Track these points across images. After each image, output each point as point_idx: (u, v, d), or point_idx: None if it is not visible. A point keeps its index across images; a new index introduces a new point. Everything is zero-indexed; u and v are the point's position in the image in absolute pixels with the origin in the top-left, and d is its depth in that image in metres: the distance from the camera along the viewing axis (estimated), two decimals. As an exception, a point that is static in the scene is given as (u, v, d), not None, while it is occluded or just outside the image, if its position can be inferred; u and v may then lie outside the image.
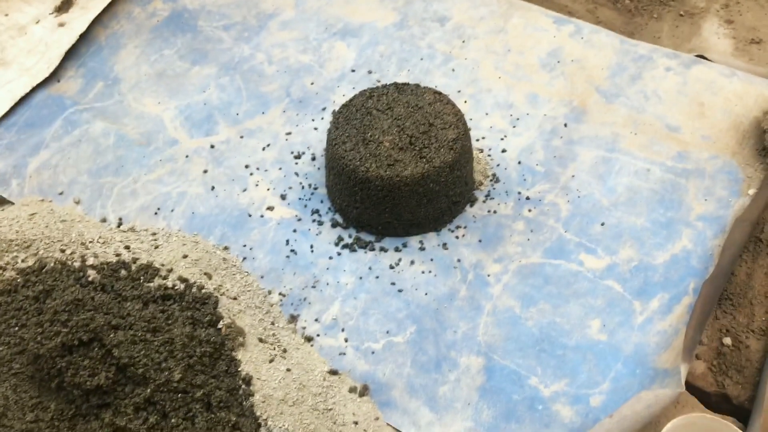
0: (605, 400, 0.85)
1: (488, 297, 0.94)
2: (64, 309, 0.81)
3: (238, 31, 1.29)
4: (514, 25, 1.26)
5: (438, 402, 0.86)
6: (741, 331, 0.90)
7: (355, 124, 0.99)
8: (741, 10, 1.34)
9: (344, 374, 0.88)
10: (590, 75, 1.18)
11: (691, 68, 1.17)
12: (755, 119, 1.09)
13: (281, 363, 0.88)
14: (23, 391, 0.80)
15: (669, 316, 0.91)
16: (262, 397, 0.85)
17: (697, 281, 0.94)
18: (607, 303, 0.93)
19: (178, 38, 1.29)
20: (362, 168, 0.95)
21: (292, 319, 0.93)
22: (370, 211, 0.98)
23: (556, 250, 0.98)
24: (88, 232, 0.99)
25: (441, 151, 0.96)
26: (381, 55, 1.24)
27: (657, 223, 1.00)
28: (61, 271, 0.89)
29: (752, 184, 1.03)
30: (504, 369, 0.88)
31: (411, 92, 1.03)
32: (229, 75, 1.23)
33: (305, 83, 1.21)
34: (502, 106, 1.15)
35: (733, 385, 0.87)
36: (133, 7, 1.34)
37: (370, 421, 0.84)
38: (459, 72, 1.20)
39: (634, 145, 1.09)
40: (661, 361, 0.87)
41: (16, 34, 1.29)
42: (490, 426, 0.84)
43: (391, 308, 0.94)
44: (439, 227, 1.01)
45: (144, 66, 1.24)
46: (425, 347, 0.90)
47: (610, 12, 1.35)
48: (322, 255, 0.99)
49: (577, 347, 0.89)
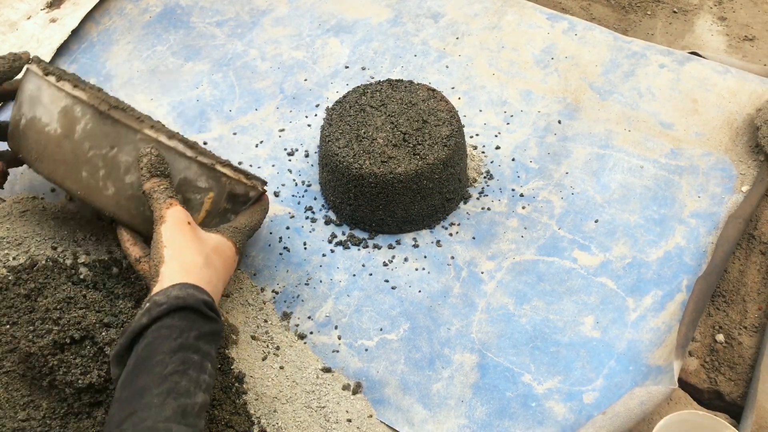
0: (598, 397, 0.85)
1: (482, 294, 0.94)
2: (56, 307, 0.80)
3: (231, 28, 1.29)
4: (508, 22, 1.26)
5: (432, 399, 0.86)
6: (734, 328, 0.91)
7: (348, 121, 0.99)
8: (734, 7, 1.34)
9: (337, 372, 0.88)
10: (584, 72, 1.18)
11: (684, 65, 1.17)
12: (748, 116, 1.10)
13: (274, 361, 0.88)
14: (15, 390, 0.80)
15: (662, 313, 0.91)
16: (255, 395, 0.85)
17: (690, 278, 0.94)
18: (600, 300, 0.93)
19: (170, 34, 1.28)
20: (356, 165, 0.94)
21: (285, 316, 0.93)
22: (364, 208, 0.98)
23: (550, 247, 0.98)
24: (80, 229, 0.99)
25: (435, 147, 0.96)
26: (375, 52, 1.23)
27: (650, 220, 1.00)
28: (52, 268, 0.89)
29: (745, 181, 1.03)
30: (497, 366, 0.88)
31: (405, 89, 1.03)
32: (222, 71, 1.22)
33: (299, 80, 1.20)
34: (495, 103, 1.15)
35: (726, 381, 0.87)
36: (126, 3, 1.33)
37: (363, 418, 0.84)
38: (453, 69, 1.20)
39: (627, 142, 1.09)
40: (655, 358, 0.87)
41: (8, 30, 1.28)
42: (483, 423, 0.84)
43: (384, 305, 0.94)
44: (432, 224, 1.01)
45: (136, 62, 1.24)
46: (419, 344, 0.90)
47: (603, 9, 1.35)
48: (316, 252, 0.99)
49: (570, 344, 0.90)
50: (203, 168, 0.85)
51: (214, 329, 0.74)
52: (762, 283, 0.94)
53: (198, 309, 0.72)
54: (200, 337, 0.71)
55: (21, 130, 0.86)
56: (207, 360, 0.71)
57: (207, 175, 0.85)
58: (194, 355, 0.70)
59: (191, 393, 0.68)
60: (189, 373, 0.69)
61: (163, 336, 0.70)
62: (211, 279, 0.78)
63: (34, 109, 0.85)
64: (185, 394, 0.67)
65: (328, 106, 1.13)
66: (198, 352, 0.70)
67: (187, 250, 0.78)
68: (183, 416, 0.66)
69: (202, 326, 0.72)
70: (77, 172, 0.84)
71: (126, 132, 0.82)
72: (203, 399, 0.69)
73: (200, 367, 0.70)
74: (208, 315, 0.73)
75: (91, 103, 0.83)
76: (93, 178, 0.83)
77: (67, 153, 0.84)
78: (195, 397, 0.68)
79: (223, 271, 0.82)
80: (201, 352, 0.71)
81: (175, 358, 0.69)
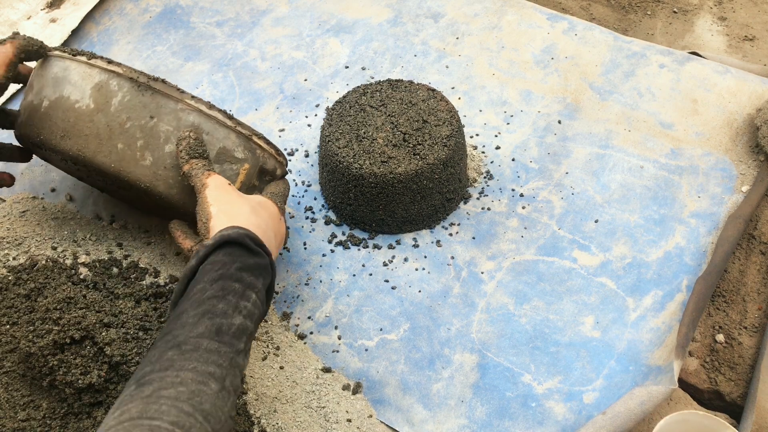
0: (598, 397, 0.85)
1: (482, 294, 0.94)
2: (56, 307, 0.80)
3: (231, 28, 1.29)
4: (508, 22, 1.26)
5: (431, 399, 0.86)
6: (734, 328, 0.91)
7: (348, 121, 0.99)
8: (734, 7, 1.34)
9: (337, 372, 0.88)
10: (584, 72, 1.18)
11: (684, 65, 1.17)
12: (748, 116, 1.09)
13: (274, 361, 0.88)
14: (15, 390, 0.80)
15: (662, 313, 0.91)
16: (255, 395, 0.85)
17: (690, 278, 0.94)
18: (600, 300, 0.93)
19: (170, 34, 1.28)
20: (356, 165, 0.94)
21: (285, 316, 0.93)
22: (364, 208, 0.98)
23: (550, 247, 0.98)
24: (80, 229, 0.99)
25: (435, 147, 0.96)
26: (375, 52, 1.23)
27: (650, 220, 1.00)
28: (52, 268, 0.89)
29: (745, 181, 1.03)
30: (497, 366, 0.88)
31: (405, 89, 1.03)
32: (222, 71, 1.22)
33: (298, 80, 1.20)
34: (495, 103, 1.15)
35: (726, 381, 0.87)
36: (126, 3, 1.33)
37: (363, 418, 0.84)
38: (453, 69, 1.20)
39: (627, 142, 1.09)
40: (655, 358, 0.87)
41: (8, 30, 1.28)
42: (483, 423, 0.84)
43: (384, 306, 0.94)
44: (432, 224, 1.01)
45: (136, 62, 1.24)
46: (419, 345, 0.90)
47: (603, 9, 1.35)
48: (316, 252, 0.99)
49: (570, 344, 0.90)
50: (241, 138, 0.88)
51: (259, 263, 0.74)
52: (762, 283, 0.94)
53: (242, 243, 0.73)
54: (243, 268, 0.72)
55: (43, 112, 0.87)
56: (250, 290, 0.71)
57: (244, 146, 0.88)
58: (235, 284, 0.70)
59: (228, 314, 0.68)
60: (228, 298, 0.69)
61: (206, 270, 0.71)
62: (260, 225, 0.79)
63: (61, 89, 0.86)
64: (221, 315, 0.67)
65: (328, 106, 1.13)
66: (240, 281, 0.71)
67: (233, 204, 0.79)
68: (217, 333, 0.66)
69: (247, 259, 0.73)
70: (112, 144, 0.85)
71: (166, 102, 0.85)
72: (242, 322, 0.68)
73: (241, 294, 0.70)
74: (253, 249, 0.74)
75: (129, 76, 0.85)
76: (130, 149, 0.85)
77: (100, 127, 0.85)
78: (232, 318, 0.68)
79: (271, 222, 0.83)
80: (244, 281, 0.71)
81: (216, 286, 0.69)
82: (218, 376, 0.64)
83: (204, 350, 0.64)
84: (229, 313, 0.68)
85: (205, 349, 0.65)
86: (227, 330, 0.67)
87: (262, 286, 0.73)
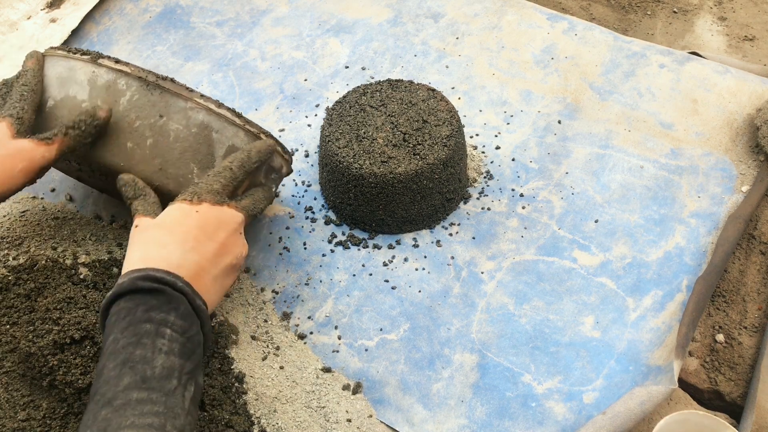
0: (598, 397, 0.85)
1: (482, 294, 0.94)
2: (56, 307, 0.80)
3: (231, 28, 1.29)
4: (508, 22, 1.26)
5: (431, 399, 0.86)
6: (734, 328, 0.91)
7: (348, 121, 0.99)
8: (734, 7, 1.34)
9: (337, 372, 0.88)
10: (584, 72, 1.18)
11: (684, 65, 1.17)
12: (748, 116, 1.10)
13: (274, 361, 0.88)
14: (15, 390, 0.80)
15: (662, 313, 0.91)
16: (255, 395, 0.85)
17: (690, 278, 0.94)
18: (600, 300, 0.93)
19: (170, 34, 1.28)
20: (355, 165, 0.94)
21: (285, 316, 0.93)
22: (364, 208, 0.98)
23: (550, 247, 0.98)
24: (80, 229, 0.99)
25: (435, 147, 0.96)
26: (375, 52, 1.23)
27: (650, 220, 1.00)
28: (52, 268, 0.89)
29: (745, 181, 1.03)
30: (497, 366, 0.88)
31: (405, 89, 1.03)
32: (222, 71, 1.22)
33: (298, 79, 1.20)
34: (495, 103, 1.15)
35: (726, 381, 0.87)
36: (126, 3, 1.33)
37: (363, 418, 0.84)
38: (453, 69, 1.20)
39: (627, 142, 1.09)
40: (654, 358, 0.87)
41: (7, 30, 1.28)
42: (483, 423, 0.84)
43: (384, 306, 0.94)
44: (432, 224, 1.01)
45: (136, 62, 1.24)
46: (419, 345, 0.90)
47: (603, 9, 1.35)
48: (315, 252, 0.99)
49: (570, 344, 0.90)
50: (249, 136, 0.88)
51: (163, 299, 0.72)
52: (762, 283, 0.94)
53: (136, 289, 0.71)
54: (149, 309, 0.70)
55: (47, 112, 0.87)
56: (163, 326, 0.69)
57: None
58: (146, 324, 0.69)
59: (148, 359, 0.67)
60: (143, 341, 0.68)
61: (113, 323, 0.70)
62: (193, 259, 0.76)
63: (66, 88, 0.87)
64: (141, 361, 0.66)
65: (328, 106, 1.13)
66: (150, 321, 0.69)
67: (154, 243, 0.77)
68: (143, 381, 0.65)
69: (149, 300, 0.71)
70: (120, 143, 0.85)
71: (175, 101, 0.85)
72: (164, 361, 0.67)
73: (155, 333, 0.69)
74: (150, 289, 0.71)
75: (137, 75, 0.85)
76: (139, 148, 0.85)
77: (109, 125, 0.85)
78: (153, 362, 0.67)
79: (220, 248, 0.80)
80: (154, 320, 0.69)
81: (127, 333, 0.68)
82: (157, 425, 0.63)
83: (135, 402, 0.64)
84: (148, 357, 0.67)
85: (137, 401, 0.64)
86: (152, 375, 0.66)
87: (175, 317, 0.71)
